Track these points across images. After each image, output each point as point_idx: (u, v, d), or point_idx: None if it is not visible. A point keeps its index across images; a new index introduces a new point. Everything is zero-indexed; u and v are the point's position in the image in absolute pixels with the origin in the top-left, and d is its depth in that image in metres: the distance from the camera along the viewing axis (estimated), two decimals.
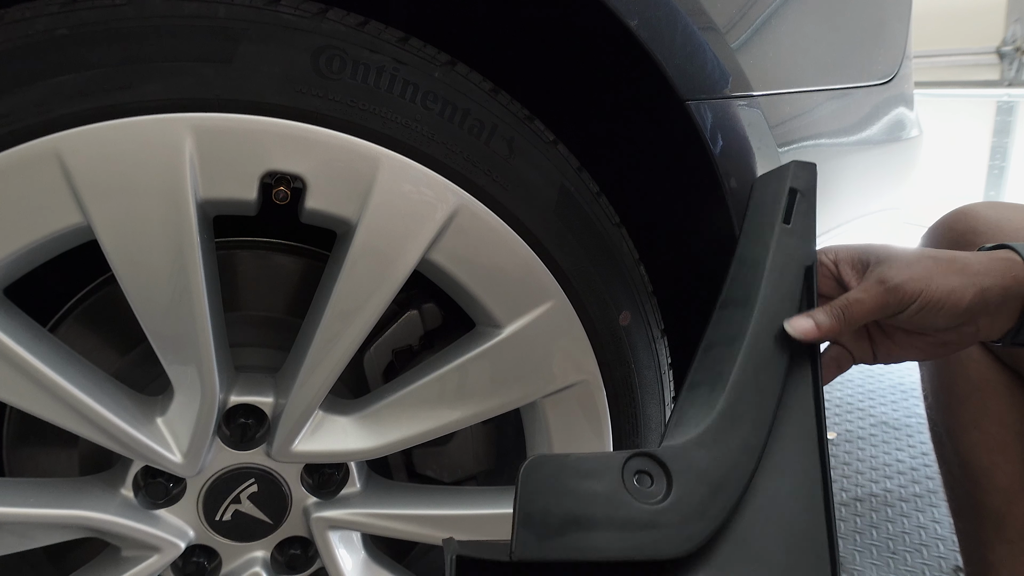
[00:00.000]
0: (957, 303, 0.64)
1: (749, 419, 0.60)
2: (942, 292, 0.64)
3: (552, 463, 0.54)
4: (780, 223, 0.68)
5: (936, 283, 0.64)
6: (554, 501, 0.53)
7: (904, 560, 1.50)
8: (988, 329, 0.67)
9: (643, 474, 0.56)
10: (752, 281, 0.66)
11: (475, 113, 0.68)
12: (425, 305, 0.87)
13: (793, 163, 0.70)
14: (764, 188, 0.72)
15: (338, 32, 0.64)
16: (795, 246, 0.68)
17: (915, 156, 1.27)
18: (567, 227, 0.73)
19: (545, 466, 0.54)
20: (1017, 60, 3.14)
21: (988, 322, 0.66)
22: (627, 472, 0.55)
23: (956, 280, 0.65)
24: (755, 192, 0.74)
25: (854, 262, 0.70)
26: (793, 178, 0.69)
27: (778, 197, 0.69)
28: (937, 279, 0.64)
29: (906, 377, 2.39)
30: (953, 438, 0.99)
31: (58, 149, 0.59)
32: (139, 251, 0.63)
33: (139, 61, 0.60)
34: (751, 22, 0.78)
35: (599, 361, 0.78)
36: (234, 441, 0.75)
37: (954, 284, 0.64)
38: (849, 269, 0.70)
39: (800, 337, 0.65)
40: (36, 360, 0.64)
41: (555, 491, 0.53)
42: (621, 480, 0.55)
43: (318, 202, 0.65)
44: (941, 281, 0.64)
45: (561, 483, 0.54)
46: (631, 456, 0.56)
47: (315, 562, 0.85)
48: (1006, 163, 3.42)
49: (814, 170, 0.71)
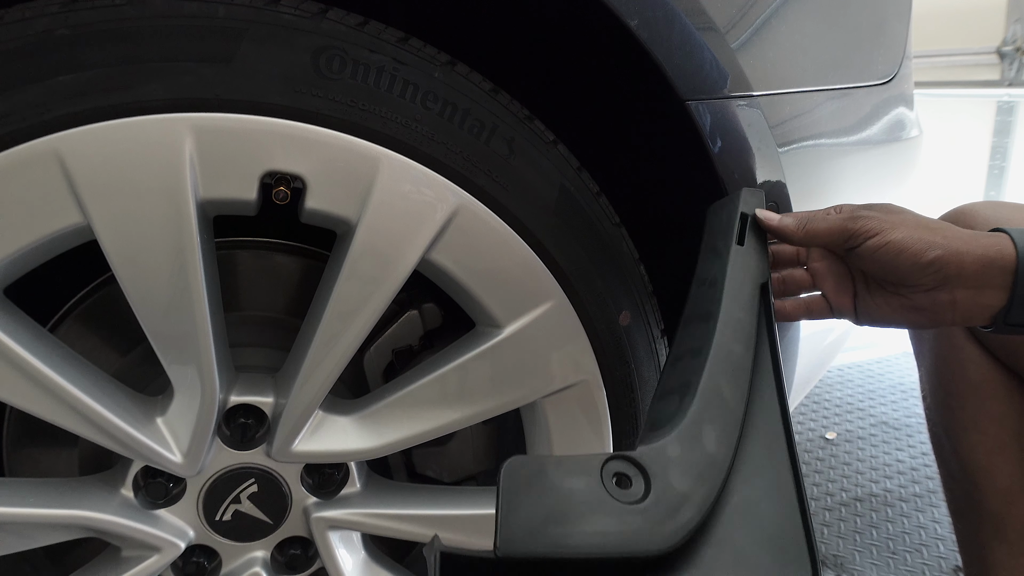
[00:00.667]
0: (919, 253, 0.64)
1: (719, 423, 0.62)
2: (904, 238, 0.65)
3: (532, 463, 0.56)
4: (735, 244, 0.72)
5: (900, 230, 0.65)
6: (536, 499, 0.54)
7: (904, 560, 1.50)
8: (969, 305, 0.66)
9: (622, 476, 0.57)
10: (712, 297, 0.70)
11: (475, 113, 0.68)
12: (425, 305, 0.87)
13: (744, 190, 0.75)
14: (718, 214, 0.76)
15: (338, 32, 0.64)
16: (750, 264, 0.72)
17: (915, 156, 1.27)
18: (567, 227, 0.73)
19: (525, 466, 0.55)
20: (1017, 60, 3.14)
21: (967, 296, 0.65)
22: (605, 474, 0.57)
23: (926, 235, 0.65)
24: (709, 218, 0.78)
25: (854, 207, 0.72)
26: (744, 203, 0.74)
27: (731, 221, 0.73)
28: (904, 228, 0.66)
29: (906, 377, 2.39)
30: (952, 439, 0.99)
31: (58, 149, 0.59)
32: (139, 251, 0.63)
33: (139, 61, 0.60)
34: (751, 22, 0.78)
35: (599, 361, 0.78)
36: (234, 441, 0.76)
37: (920, 236, 0.65)
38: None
39: (762, 219, 0.71)
40: (36, 360, 0.64)
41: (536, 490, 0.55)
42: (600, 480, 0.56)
43: (318, 202, 0.65)
44: (907, 231, 0.65)
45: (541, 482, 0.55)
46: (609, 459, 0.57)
47: (315, 562, 0.85)
48: (1006, 163, 3.42)
49: (763, 196, 0.76)
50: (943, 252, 0.64)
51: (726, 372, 0.65)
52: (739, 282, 0.70)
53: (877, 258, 0.67)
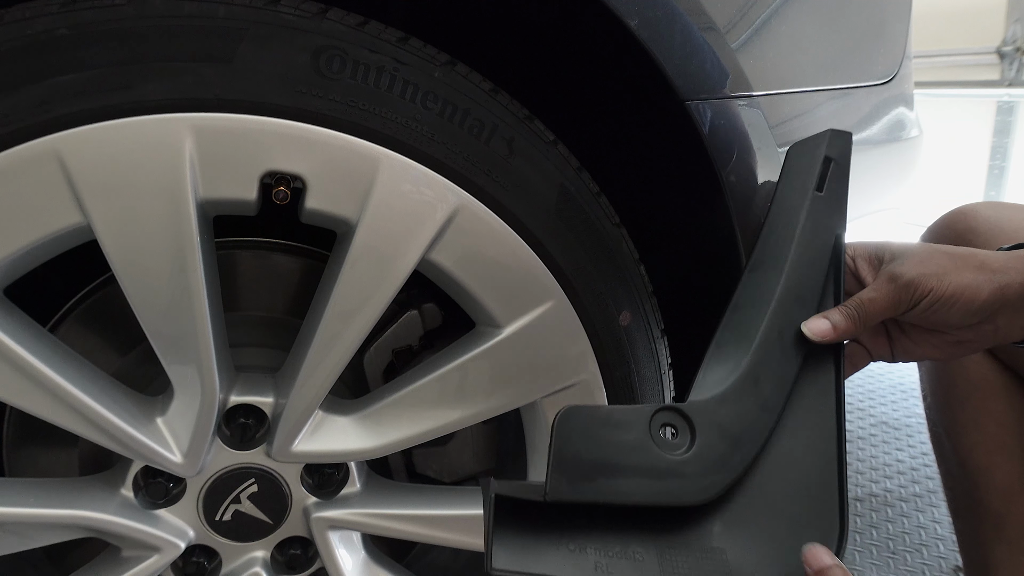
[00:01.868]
0: (972, 299, 0.63)
1: (771, 379, 0.63)
2: (955, 288, 0.63)
3: (584, 413, 0.59)
4: (813, 191, 0.69)
5: (949, 279, 0.64)
6: (585, 448, 0.58)
7: (904, 560, 1.50)
8: (1007, 328, 0.66)
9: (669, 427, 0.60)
10: (782, 246, 0.68)
11: (475, 113, 0.68)
12: (425, 305, 0.87)
13: (829, 131, 0.71)
14: (799, 155, 0.73)
15: (338, 32, 0.64)
16: (826, 214, 0.69)
17: (915, 156, 1.27)
18: (567, 227, 0.73)
19: (577, 415, 0.59)
20: (1017, 60, 3.14)
21: (1007, 321, 0.65)
22: (654, 424, 0.60)
23: (971, 276, 0.64)
24: (789, 159, 0.75)
25: (870, 258, 0.70)
26: (828, 146, 0.70)
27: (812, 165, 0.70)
28: (951, 275, 0.64)
29: (906, 377, 2.39)
30: (952, 438, 0.99)
31: (58, 149, 0.59)
32: (139, 251, 0.63)
33: (139, 61, 0.60)
34: (751, 22, 0.78)
35: (599, 361, 0.78)
36: (234, 441, 0.75)
37: (968, 280, 0.64)
38: (865, 265, 0.70)
39: (817, 339, 0.65)
40: (36, 360, 0.64)
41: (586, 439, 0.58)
42: (648, 431, 0.59)
43: (318, 202, 0.65)
44: (955, 277, 0.64)
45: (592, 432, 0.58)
46: (658, 410, 0.60)
47: (315, 562, 0.85)
48: (1006, 163, 3.42)
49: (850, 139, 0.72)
50: (990, 292, 0.63)
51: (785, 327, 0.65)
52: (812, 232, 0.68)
53: (928, 315, 0.65)
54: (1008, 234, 0.86)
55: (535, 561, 0.57)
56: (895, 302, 0.65)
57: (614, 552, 0.58)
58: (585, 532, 0.58)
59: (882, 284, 0.66)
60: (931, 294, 0.64)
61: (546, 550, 0.57)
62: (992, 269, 0.64)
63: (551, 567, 0.57)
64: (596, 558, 0.58)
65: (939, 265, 0.65)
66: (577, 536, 0.58)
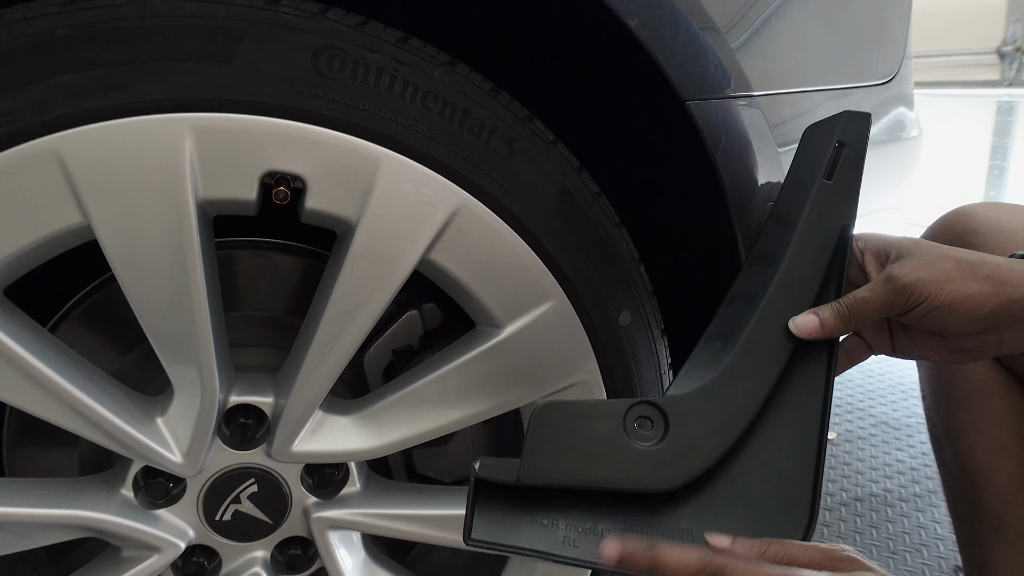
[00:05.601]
0: (973, 310, 0.61)
1: (755, 375, 0.64)
2: (954, 297, 0.61)
3: (562, 406, 0.62)
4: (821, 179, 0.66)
5: (950, 287, 0.61)
6: (559, 436, 0.61)
7: (904, 560, 1.50)
8: (1013, 341, 0.64)
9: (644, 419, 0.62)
10: (784, 238, 0.66)
11: (475, 113, 0.68)
12: (425, 305, 0.87)
13: (844, 113, 0.68)
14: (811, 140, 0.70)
15: (338, 32, 0.64)
16: (834, 204, 0.66)
17: (915, 156, 1.27)
18: (567, 227, 0.73)
19: (555, 408, 0.61)
20: (1017, 60, 3.14)
21: (1014, 335, 0.63)
22: (630, 417, 0.62)
23: (975, 287, 0.61)
24: (802, 143, 0.72)
25: (878, 253, 0.68)
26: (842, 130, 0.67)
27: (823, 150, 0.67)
28: (953, 283, 0.62)
29: (906, 377, 2.39)
30: (952, 439, 0.99)
31: (58, 149, 0.59)
32: (139, 251, 0.63)
33: (139, 61, 0.60)
34: (751, 22, 0.78)
35: (599, 361, 0.78)
36: (234, 441, 0.76)
37: (972, 291, 0.61)
38: (872, 259, 0.68)
39: (803, 335, 0.64)
40: (36, 360, 0.64)
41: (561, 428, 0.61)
42: (622, 424, 0.61)
43: (318, 202, 0.65)
44: (957, 286, 0.61)
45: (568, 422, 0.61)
46: (635, 404, 0.62)
47: (315, 562, 0.85)
48: (1006, 163, 3.42)
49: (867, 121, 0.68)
50: (996, 305, 0.61)
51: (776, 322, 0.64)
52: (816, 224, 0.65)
53: (926, 320, 0.63)
54: (1007, 235, 0.86)
55: (508, 533, 0.61)
56: (888, 304, 0.63)
57: (584, 528, 0.62)
58: (559, 509, 0.62)
59: (878, 284, 0.64)
60: (927, 301, 0.62)
61: (521, 524, 0.62)
62: (1000, 281, 0.61)
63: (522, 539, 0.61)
64: (565, 532, 0.62)
65: (943, 271, 0.62)
66: (551, 512, 0.62)
